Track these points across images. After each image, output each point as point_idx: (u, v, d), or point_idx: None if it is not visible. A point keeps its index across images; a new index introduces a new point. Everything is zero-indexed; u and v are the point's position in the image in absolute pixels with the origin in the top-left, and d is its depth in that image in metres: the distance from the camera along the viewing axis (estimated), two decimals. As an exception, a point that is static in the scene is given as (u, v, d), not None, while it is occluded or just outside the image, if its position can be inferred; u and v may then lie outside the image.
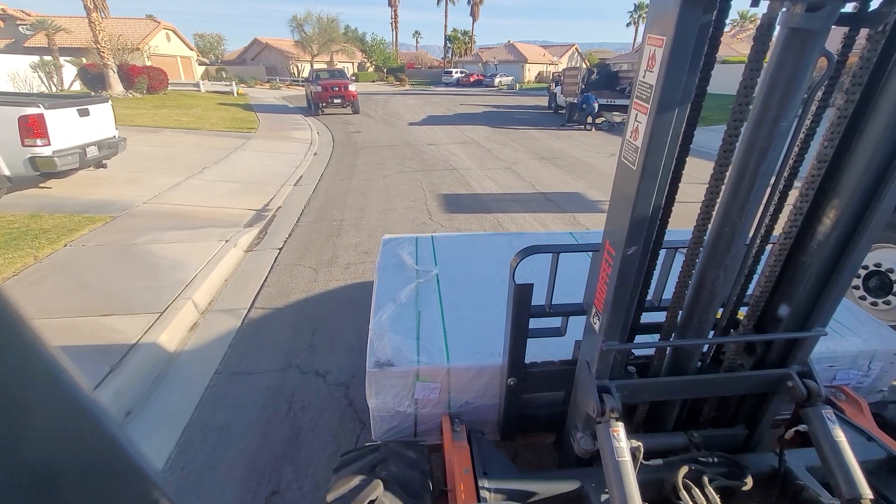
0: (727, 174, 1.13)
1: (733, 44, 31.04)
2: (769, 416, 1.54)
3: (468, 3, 66.93)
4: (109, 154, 7.06)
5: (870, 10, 1.01)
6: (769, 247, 1.36)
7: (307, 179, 8.53)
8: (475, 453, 1.59)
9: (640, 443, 1.28)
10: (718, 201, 1.18)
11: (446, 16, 67.75)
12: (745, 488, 1.39)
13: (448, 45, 70.16)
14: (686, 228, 1.46)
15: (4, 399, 0.25)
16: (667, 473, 1.40)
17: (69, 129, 6.20)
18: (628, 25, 63.11)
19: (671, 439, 1.53)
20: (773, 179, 1.17)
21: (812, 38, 0.97)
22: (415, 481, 1.53)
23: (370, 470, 1.54)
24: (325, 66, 34.72)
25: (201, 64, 41.40)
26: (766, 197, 1.20)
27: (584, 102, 15.17)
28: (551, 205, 7.07)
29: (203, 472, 2.36)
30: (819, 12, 0.93)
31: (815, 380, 1.39)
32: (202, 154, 9.99)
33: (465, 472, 1.50)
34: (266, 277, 4.53)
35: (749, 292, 1.44)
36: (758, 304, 1.38)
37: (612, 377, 1.36)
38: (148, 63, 26.09)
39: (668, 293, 1.42)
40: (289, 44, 45.54)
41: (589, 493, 1.44)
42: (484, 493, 1.43)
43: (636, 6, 60.78)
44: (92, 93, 20.14)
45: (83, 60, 23.57)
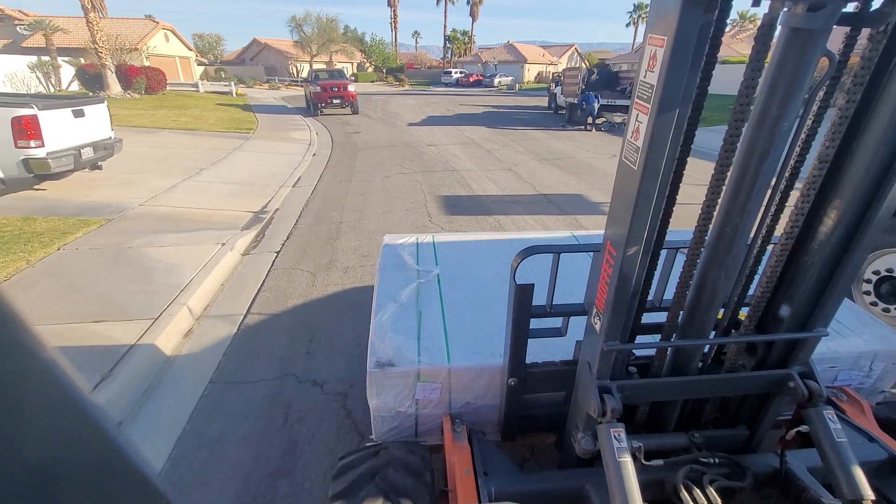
0: (728, 174, 1.13)
1: (733, 44, 31.02)
2: (770, 417, 1.53)
3: (467, 3, 66.91)
4: (105, 155, 6.96)
5: (871, 10, 1.00)
6: (770, 247, 1.35)
7: (306, 181, 8.44)
8: (476, 453, 1.58)
9: (641, 443, 1.28)
10: (719, 201, 1.18)
11: (445, 16, 67.76)
12: (746, 489, 1.38)
13: (447, 46, 70.11)
14: (687, 229, 1.47)
15: (3, 400, 0.25)
16: (668, 474, 1.39)
17: (64, 131, 6.10)
18: (628, 25, 63.16)
19: (672, 440, 1.53)
20: (775, 180, 1.17)
21: (813, 38, 0.96)
22: (416, 492, 1.49)
23: (370, 478, 1.50)
24: (325, 67, 34.61)
25: (200, 64, 41.30)
26: (768, 197, 1.20)
27: (585, 101, 15.10)
28: (553, 207, 6.99)
29: (195, 488, 2.28)
30: (820, 12, 0.93)
31: (817, 380, 1.38)
32: (200, 155, 9.90)
33: (466, 473, 1.50)
34: (263, 282, 4.44)
35: (750, 293, 1.43)
36: (759, 305, 1.37)
37: (613, 377, 1.36)
38: (146, 63, 25.99)
39: (669, 293, 1.41)
40: (288, 44, 45.43)
41: (590, 494, 1.43)
42: (484, 494, 1.42)
43: (636, 6, 60.79)
44: (90, 93, 20.10)
45: (81, 61, 23.48)
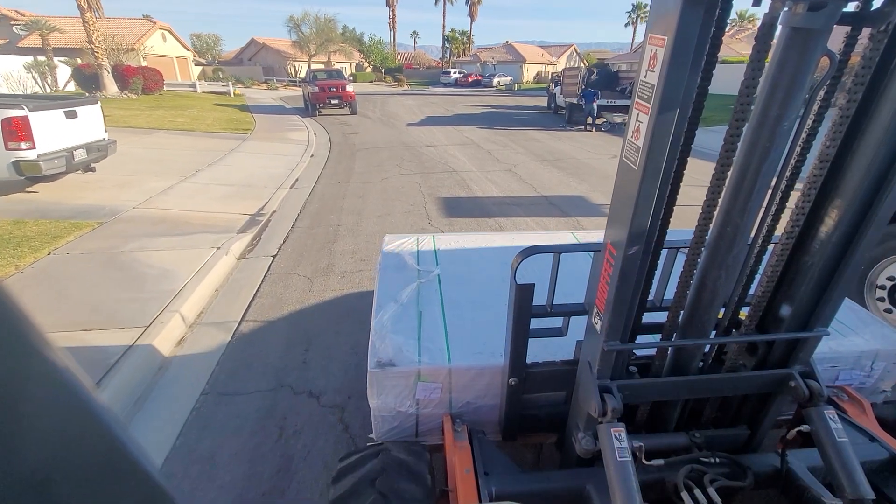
0: (729, 174, 1.13)
1: (732, 44, 30.95)
2: (771, 417, 1.53)
3: (466, 4, 66.80)
4: (98, 157, 6.84)
5: (872, 10, 1.00)
6: (771, 247, 1.35)
7: (303, 182, 8.33)
8: (476, 453, 1.58)
9: (642, 443, 1.29)
10: (720, 201, 1.17)
11: (444, 16, 67.66)
12: (747, 489, 1.38)
13: (446, 46, 70.00)
14: (687, 228, 1.46)
15: (6, 398, 0.25)
16: (668, 474, 1.39)
17: (55, 132, 5.98)
18: (626, 25, 63.12)
19: (673, 439, 1.53)
20: (775, 179, 1.17)
21: (814, 38, 0.95)
22: (416, 498, 1.48)
23: (370, 484, 1.48)
24: (323, 67, 34.47)
25: (198, 64, 41.13)
26: (768, 197, 1.20)
27: (586, 99, 14.98)
28: (554, 208, 6.89)
29: (185, 509, 2.17)
30: (821, 12, 0.92)
31: (818, 380, 1.38)
32: (196, 156, 9.78)
33: (467, 472, 1.50)
34: (259, 287, 4.33)
35: (751, 292, 1.42)
36: (760, 304, 1.37)
37: (614, 377, 1.36)
38: (143, 63, 25.84)
39: (670, 293, 1.41)
40: (286, 44, 45.25)
41: (590, 494, 1.43)
42: (485, 494, 1.42)
43: (635, 6, 60.74)
44: (86, 94, 19.95)
45: (78, 61, 23.33)
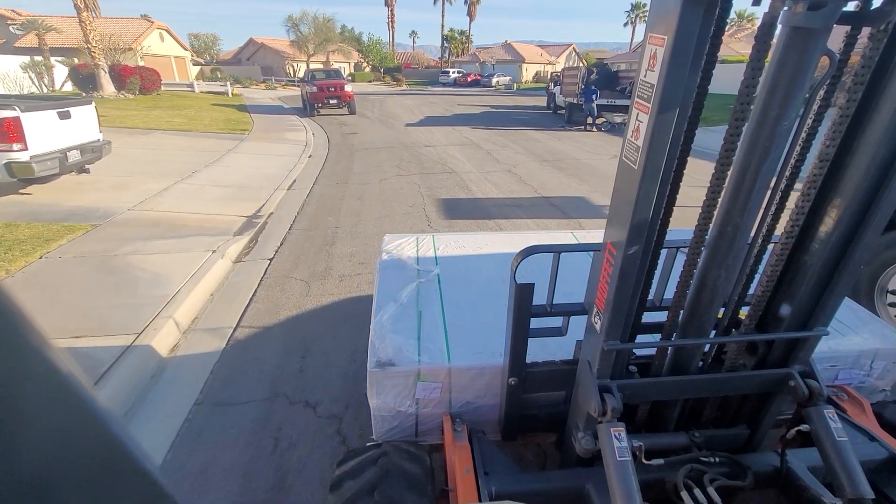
0: (729, 174, 1.13)
1: (731, 43, 30.91)
2: (771, 416, 1.53)
3: (465, 3, 66.70)
4: (93, 158, 6.74)
5: (872, 9, 0.99)
6: (771, 246, 1.35)
7: (301, 183, 8.24)
8: (476, 453, 1.58)
9: (642, 443, 1.29)
10: (720, 201, 1.17)
11: (443, 15, 67.52)
12: (747, 488, 1.38)
13: (445, 45, 69.87)
14: (687, 228, 1.47)
15: (5, 399, 0.25)
16: (668, 473, 1.39)
17: (48, 133, 5.88)
18: (625, 25, 63.07)
19: (672, 439, 1.53)
20: (775, 179, 1.17)
21: (814, 37, 0.95)
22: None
23: (369, 493, 1.45)
24: (321, 66, 34.34)
25: (196, 64, 40.95)
26: (768, 196, 1.20)
27: (586, 97, 14.87)
28: (555, 210, 6.81)
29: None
30: (821, 11, 0.92)
31: (817, 379, 1.38)
32: (193, 157, 9.68)
33: (466, 472, 1.49)
34: (255, 292, 4.24)
35: (751, 292, 1.42)
36: (759, 304, 1.37)
37: (614, 377, 1.36)
38: (141, 63, 25.71)
39: (670, 293, 1.41)
40: (284, 44, 45.10)
41: (590, 493, 1.44)
42: (485, 493, 1.42)
43: (633, 6, 60.69)
44: (83, 94, 19.83)
45: (75, 61, 23.19)
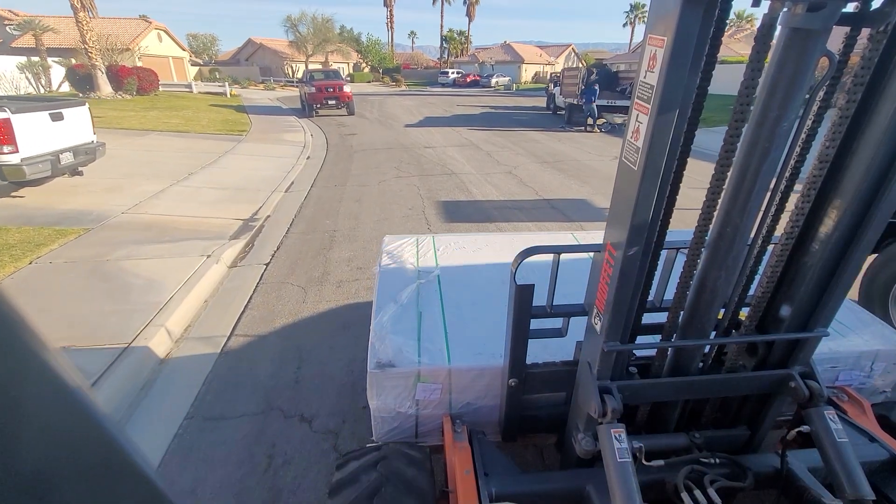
0: (728, 174, 1.13)
1: (730, 44, 30.86)
2: (771, 417, 1.53)
3: (464, 4, 66.62)
4: (86, 161, 6.63)
5: (871, 10, 0.99)
6: (771, 247, 1.35)
7: (299, 185, 8.13)
8: (476, 454, 1.58)
9: (642, 444, 1.29)
10: (720, 202, 1.17)
11: (442, 16, 67.44)
12: (747, 489, 1.38)
13: (444, 46, 69.77)
14: (687, 229, 1.44)
15: (3, 400, 0.25)
16: (668, 474, 1.39)
17: (40, 135, 5.76)
18: (624, 25, 63.04)
19: (673, 440, 1.53)
20: (775, 180, 1.17)
21: (813, 39, 0.95)
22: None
23: (368, 499, 1.44)
24: (320, 67, 34.24)
25: (194, 64, 40.81)
26: (768, 197, 1.20)
27: (587, 97, 14.76)
28: (556, 213, 6.71)
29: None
30: (820, 12, 0.92)
31: (818, 380, 1.38)
32: (190, 158, 9.56)
33: (467, 473, 1.49)
34: (250, 298, 4.13)
35: (751, 293, 1.42)
36: (759, 305, 1.37)
37: (614, 378, 1.36)
38: (138, 64, 25.57)
39: (670, 294, 1.41)
40: (283, 44, 44.97)
41: (590, 494, 1.43)
42: (485, 494, 1.42)
43: (632, 6, 60.67)
44: (80, 94, 19.70)
45: (72, 61, 23.05)
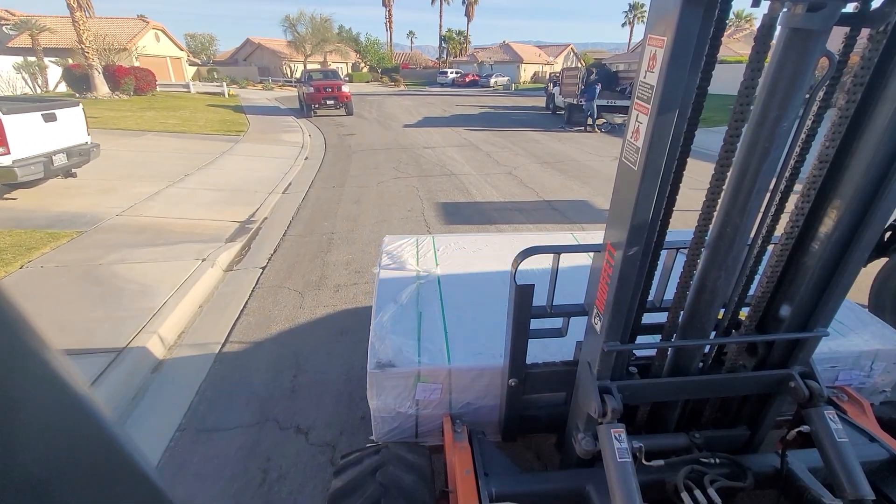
0: (728, 174, 1.12)
1: (729, 43, 30.82)
2: (771, 417, 1.53)
3: (463, 3, 66.55)
4: (80, 162, 6.52)
5: (871, 10, 0.99)
6: (771, 247, 1.35)
7: (297, 186, 8.04)
8: (476, 454, 1.58)
9: (642, 443, 1.29)
10: (720, 202, 1.17)
11: (441, 16, 67.34)
12: (747, 489, 1.38)
13: (443, 46, 69.68)
14: (687, 229, 1.44)
15: (3, 400, 0.25)
16: (668, 474, 1.39)
17: (33, 136, 5.65)
18: (623, 25, 63.01)
19: (673, 440, 1.53)
20: (775, 180, 1.17)
21: (813, 39, 0.95)
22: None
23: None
24: (319, 67, 34.11)
25: (192, 64, 40.67)
26: (768, 197, 1.19)
27: (587, 95, 14.67)
28: (557, 214, 6.62)
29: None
30: (820, 12, 0.92)
31: (817, 380, 1.38)
32: (186, 159, 9.46)
33: (467, 473, 1.49)
34: (245, 303, 4.04)
35: (751, 293, 1.42)
36: (759, 305, 1.37)
37: (614, 378, 1.36)
38: (136, 64, 25.44)
39: (670, 294, 1.40)
40: (281, 44, 44.84)
41: (590, 494, 1.44)
42: (485, 494, 1.42)
43: (631, 6, 60.66)
44: (76, 94, 19.57)
45: (69, 61, 22.90)
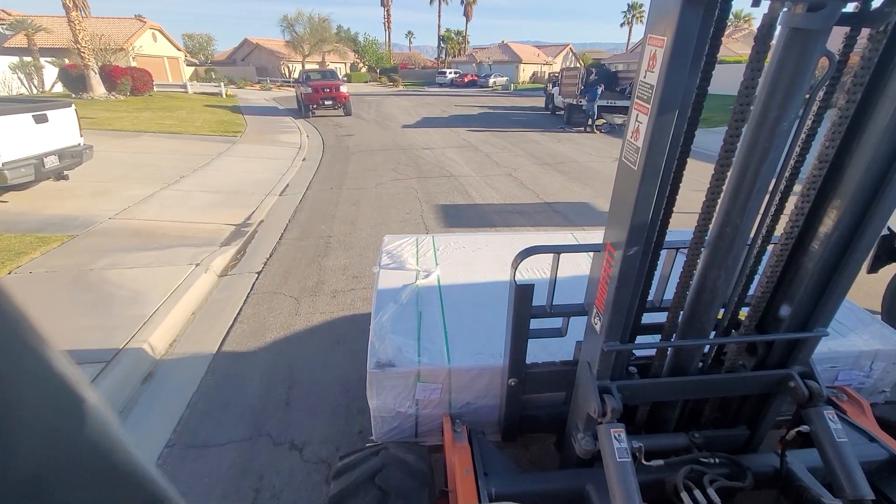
0: (728, 174, 1.12)
1: (728, 43, 30.78)
2: (771, 417, 1.53)
3: (461, 3, 66.43)
4: (72, 164, 6.40)
5: (871, 10, 0.99)
6: (770, 247, 1.34)
7: (294, 188, 7.93)
8: (476, 454, 1.58)
9: (642, 443, 1.29)
10: (720, 202, 1.17)
11: (439, 16, 67.21)
12: (747, 489, 1.38)
13: (441, 46, 69.54)
14: (687, 229, 1.45)
15: (1, 399, 0.24)
16: (668, 474, 1.39)
17: (23, 138, 5.53)
18: (622, 25, 62.96)
19: (672, 440, 1.53)
20: (775, 180, 1.16)
21: (813, 39, 0.95)
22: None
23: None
24: (317, 67, 33.97)
25: (190, 65, 40.47)
26: (768, 197, 1.19)
27: (589, 96, 14.58)
28: (558, 216, 6.53)
29: None
30: (820, 12, 0.92)
31: (817, 380, 1.38)
32: (182, 161, 9.34)
33: (466, 473, 1.50)
34: (240, 310, 3.93)
35: (750, 293, 1.42)
36: (759, 305, 1.37)
37: (614, 378, 1.36)
38: (133, 64, 25.28)
39: (670, 293, 1.40)
40: (280, 44, 44.67)
41: (590, 494, 1.44)
42: (485, 494, 1.42)
43: (630, 6, 60.61)
44: (72, 94, 19.42)
45: (65, 61, 22.75)
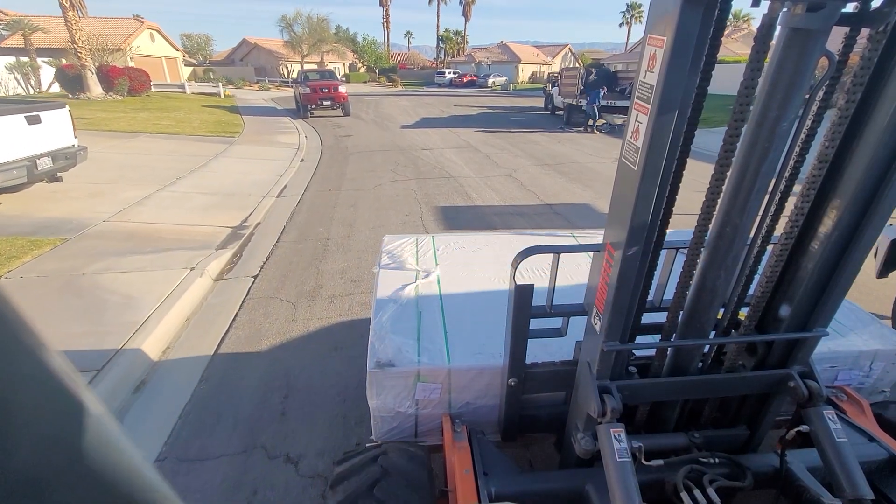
0: (728, 174, 1.12)
1: (728, 43, 30.73)
2: (770, 417, 1.53)
3: (460, 3, 66.37)
4: (66, 165, 6.30)
5: (871, 10, 0.99)
6: (770, 247, 1.34)
7: (292, 189, 7.84)
8: (476, 454, 1.58)
9: (641, 443, 1.29)
10: (719, 202, 1.16)
11: (438, 16, 67.12)
12: (746, 489, 1.38)
13: (440, 46, 69.44)
14: (687, 229, 1.45)
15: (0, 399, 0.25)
16: (668, 474, 1.39)
17: (15, 139, 5.42)
18: (621, 25, 62.96)
19: (672, 440, 1.52)
20: (774, 180, 1.16)
21: (813, 39, 0.95)
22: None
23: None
24: (315, 67, 33.85)
25: (188, 65, 40.35)
26: (767, 197, 1.18)
27: (590, 98, 14.51)
28: (559, 218, 6.45)
29: None
30: (820, 12, 0.92)
31: (817, 380, 1.38)
32: (179, 162, 9.25)
33: (466, 473, 1.49)
34: (235, 316, 3.84)
35: (750, 293, 1.42)
36: (759, 305, 1.37)
37: (613, 378, 1.35)
38: (130, 64, 25.16)
39: (669, 293, 1.40)
40: (278, 44, 44.53)
41: (590, 494, 1.43)
42: (484, 494, 1.42)
43: (629, 6, 60.58)
44: (69, 95, 19.31)
45: (62, 61, 22.62)
